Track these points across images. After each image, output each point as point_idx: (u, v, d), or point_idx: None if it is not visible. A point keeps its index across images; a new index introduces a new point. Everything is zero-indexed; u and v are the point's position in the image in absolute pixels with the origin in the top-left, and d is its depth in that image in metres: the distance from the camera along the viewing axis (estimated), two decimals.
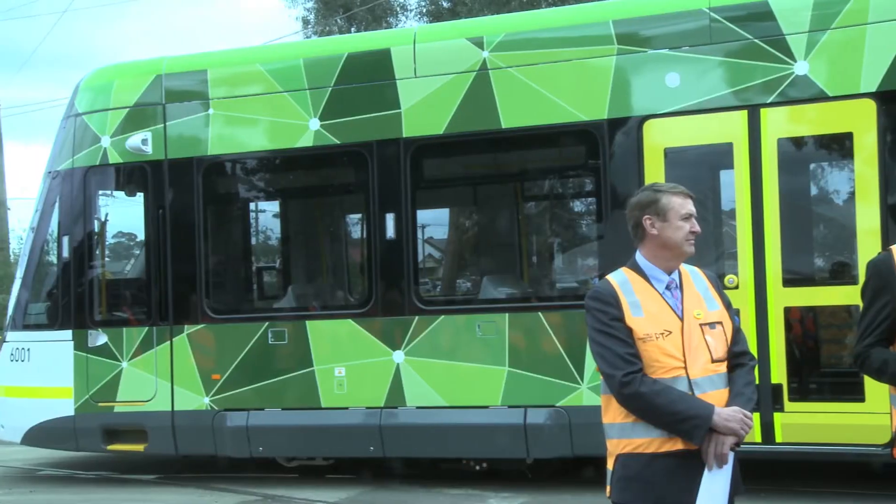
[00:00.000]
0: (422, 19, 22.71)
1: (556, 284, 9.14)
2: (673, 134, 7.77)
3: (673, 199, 3.53)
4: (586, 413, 7.53)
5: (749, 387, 3.53)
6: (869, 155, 7.19)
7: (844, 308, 7.37)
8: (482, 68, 8.14)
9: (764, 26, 7.43)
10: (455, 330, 8.26)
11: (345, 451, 8.71)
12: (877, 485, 7.31)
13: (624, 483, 3.46)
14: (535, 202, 9.71)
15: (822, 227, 8.52)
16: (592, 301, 3.54)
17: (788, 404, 7.32)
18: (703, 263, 4.02)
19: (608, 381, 3.47)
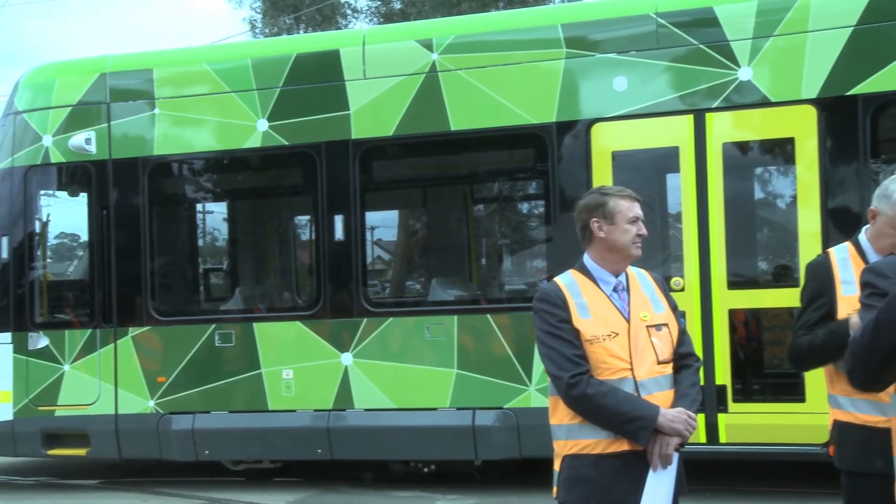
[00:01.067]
0: (372, 21, 22.66)
1: (505, 286, 9.18)
2: (621, 137, 7.84)
3: (620, 203, 3.57)
4: (534, 415, 7.56)
5: (694, 388, 3.57)
6: (810, 160, 7.33)
7: (787, 310, 7.49)
8: (431, 70, 8.14)
9: (709, 32, 7.53)
10: (404, 332, 8.25)
11: (292, 454, 8.65)
12: (818, 483, 7.44)
13: (570, 484, 3.48)
14: (484, 204, 9.75)
15: (766, 230, 8.66)
16: (540, 303, 3.55)
17: (732, 405, 7.42)
18: (649, 266, 4.05)
19: (555, 382, 3.50)
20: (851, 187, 7.22)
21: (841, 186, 7.26)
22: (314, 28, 22.29)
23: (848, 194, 7.23)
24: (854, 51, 7.14)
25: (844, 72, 7.17)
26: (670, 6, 7.73)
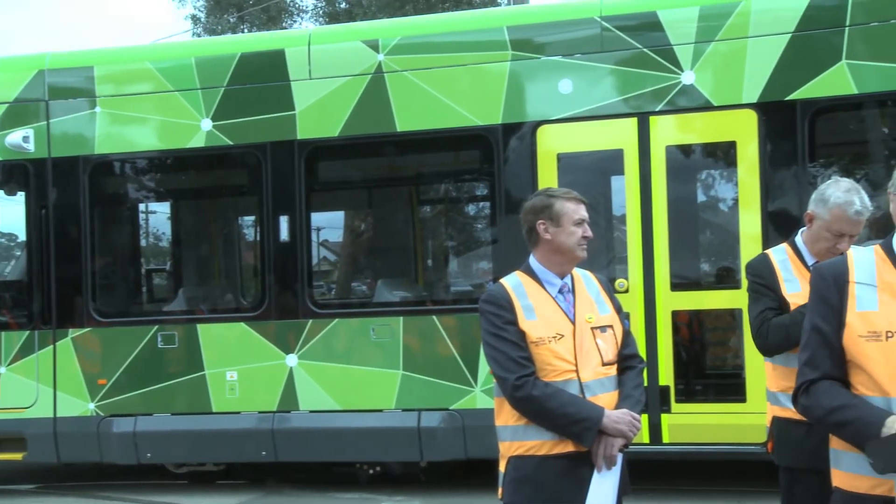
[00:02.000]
0: (317, 21, 22.55)
1: (451, 288, 9.19)
2: (566, 139, 7.89)
3: (566, 205, 3.59)
4: (480, 416, 7.58)
5: (638, 389, 3.61)
6: (751, 163, 7.45)
7: (729, 311, 7.61)
8: (378, 71, 8.12)
9: (653, 36, 7.61)
10: (349, 333, 8.22)
11: (236, 457, 8.57)
12: (758, 482, 7.56)
13: (515, 485, 3.50)
14: (430, 206, 9.74)
15: (708, 232, 8.78)
16: (486, 304, 3.56)
17: (675, 405, 7.52)
18: (594, 268, 4.09)
19: (501, 384, 3.51)
20: (790, 191, 7.35)
21: (780, 190, 7.39)
22: (259, 27, 22.12)
23: (787, 197, 7.36)
24: (793, 57, 7.27)
25: (784, 77, 7.29)
26: (615, 10, 7.80)
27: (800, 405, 2.84)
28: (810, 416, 2.83)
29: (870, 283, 2.77)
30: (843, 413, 2.70)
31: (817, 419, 2.79)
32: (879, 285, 2.76)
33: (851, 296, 2.76)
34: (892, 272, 2.77)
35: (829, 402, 2.73)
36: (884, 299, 2.73)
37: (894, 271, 2.77)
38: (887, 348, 2.71)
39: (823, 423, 2.78)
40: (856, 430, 2.66)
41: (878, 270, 2.78)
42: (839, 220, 3.96)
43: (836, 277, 2.80)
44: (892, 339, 2.71)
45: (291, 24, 22.52)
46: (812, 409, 2.79)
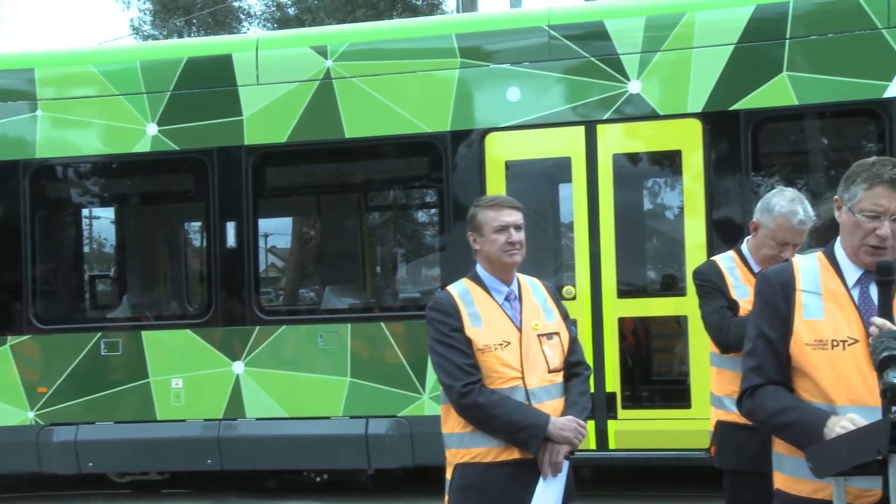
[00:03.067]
0: (266, 26, 22.43)
1: (399, 295, 9.17)
2: (514, 147, 7.92)
3: (486, 214, 3.60)
4: (427, 423, 7.57)
5: (584, 396, 3.63)
6: (696, 172, 7.55)
7: (674, 318, 7.70)
8: (326, 77, 8.09)
9: (600, 45, 7.68)
10: (297, 340, 8.16)
11: (181, 465, 8.45)
12: (702, 487, 7.64)
13: (461, 492, 3.50)
14: (378, 213, 9.72)
15: (654, 240, 8.87)
16: (433, 312, 3.57)
17: (622, 412, 7.57)
18: (542, 275, 4.11)
19: (447, 391, 3.51)
20: (734, 199, 7.46)
21: (725, 198, 7.49)
22: (206, 32, 21.93)
23: (731, 206, 7.46)
24: (736, 67, 7.38)
25: (727, 87, 7.40)
26: (562, 19, 7.86)
27: (744, 409, 2.88)
28: (754, 420, 2.86)
29: (815, 292, 2.81)
30: (786, 415, 2.73)
31: (761, 422, 2.83)
32: (824, 293, 2.80)
33: (798, 304, 2.80)
34: (835, 280, 2.82)
35: (772, 405, 2.77)
36: (829, 308, 2.78)
37: (837, 279, 2.82)
38: (833, 357, 2.75)
39: (767, 425, 2.82)
40: (798, 431, 2.70)
41: (822, 279, 2.83)
42: (783, 229, 4.02)
43: (783, 284, 2.84)
44: (838, 349, 2.75)
45: (239, 29, 22.36)
46: (756, 412, 2.82)
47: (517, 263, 3.60)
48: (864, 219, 2.75)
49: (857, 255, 2.80)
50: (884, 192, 2.73)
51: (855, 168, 2.85)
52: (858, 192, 2.78)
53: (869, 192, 2.75)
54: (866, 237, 2.76)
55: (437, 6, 22.86)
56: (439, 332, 3.51)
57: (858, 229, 2.77)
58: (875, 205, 2.74)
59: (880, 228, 2.73)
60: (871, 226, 2.75)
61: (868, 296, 2.80)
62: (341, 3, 20.72)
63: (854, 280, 2.82)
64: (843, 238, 2.86)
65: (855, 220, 2.78)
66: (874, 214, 2.74)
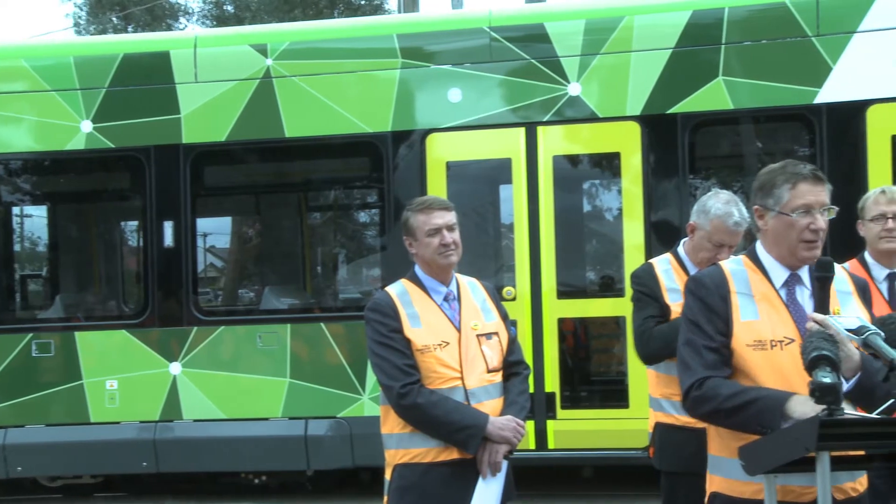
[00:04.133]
0: (204, 23, 22.17)
1: (339, 295, 9.13)
2: (455, 148, 7.94)
3: (418, 218, 3.60)
4: (367, 423, 7.54)
5: (523, 396, 3.65)
6: (635, 174, 7.64)
7: (613, 319, 7.78)
8: (266, 76, 8.02)
9: (541, 48, 7.73)
10: (235, 341, 8.08)
11: (115, 468, 8.31)
12: (640, 486, 7.74)
13: (400, 492, 3.49)
14: (319, 213, 9.67)
15: (594, 241, 8.96)
16: (371, 312, 3.56)
17: (561, 412, 7.63)
18: (482, 276, 4.13)
19: (386, 392, 3.50)
20: (672, 201, 7.56)
21: (663, 200, 7.60)
22: (143, 28, 21.61)
23: (669, 208, 7.56)
24: (673, 71, 7.49)
25: (665, 91, 7.50)
26: (503, 21, 7.89)
27: (690, 399, 2.85)
28: (704, 406, 2.81)
29: (747, 294, 2.87)
30: (746, 394, 2.74)
31: (715, 407, 2.78)
32: (756, 295, 2.86)
33: (735, 305, 2.85)
34: (764, 282, 2.89)
35: (727, 389, 2.78)
36: (763, 308, 2.84)
37: (766, 281, 2.88)
38: (772, 357, 2.80)
39: (721, 409, 2.77)
40: (763, 406, 2.70)
41: (752, 281, 2.89)
42: (719, 231, 4.08)
43: (718, 286, 2.89)
44: (776, 349, 2.81)
45: (177, 27, 22.07)
46: (709, 397, 2.79)
47: (453, 264, 3.60)
48: (798, 216, 2.82)
49: (795, 254, 2.86)
50: (809, 188, 2.84)
51: (767, 176, 2.92)
52: (784, 194, 2.86)
53: (795, 190, 2.84)
54: (802, 233, 2.83)
55: (379, 6, 22.82)
56: (378, 333, 3.51)
57: (793, 228, 2.84)
58: (805, 201, 2.82)
59: (815, 222, 2.82)
60: (806, 221, 2.83)
61: (795, 297, 2.87)
62: (280, 1, 20.57)
63: (781, 282, 2.89)
64: (770, 242, 2.92)
65: (788, 221, 2.84)
66: (806, 210, 2.82)
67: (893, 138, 7.15)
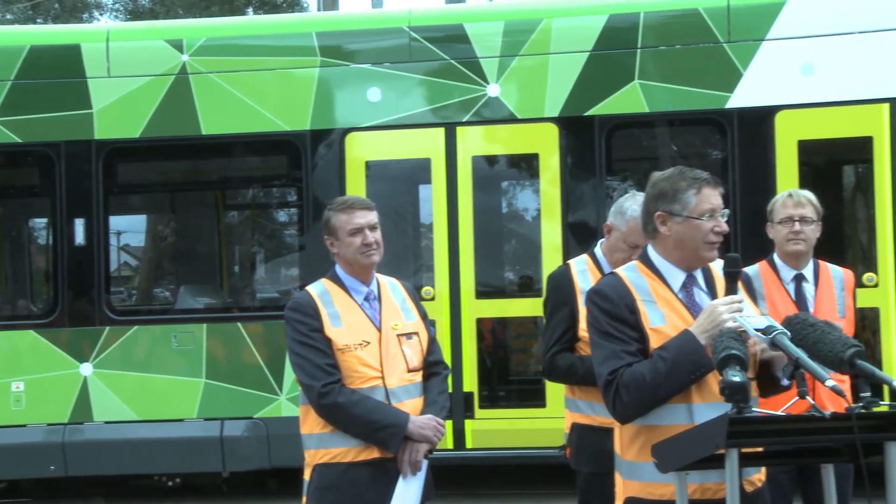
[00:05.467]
0: (118, 17, 21.70)
1: (257, 295, 9.04)
2: (375, 147, 7.93)
3: (339, 217, 3.59)
4: (285, 424, 7.48)
5: (443, 395, 3.67)
6: (553, 175, 7.72)
7: (531, 319, 7.85)
8: (182, 72, 7.89)
9: (460, 48, 7.77)
10: (150, 341, 7.94)
11: (20, 472, 8.08)
12: (556, 484, 7.83)
13: (320, 493, 3.48)
14: (236, 211, 9.56)
15: (513, 241, 9.04)
16: (292, 312, 3.54)
17: (479, 411, 7.68)
18: (402, 275, 4.13)
19: (307, 391, 3.49)
20: (589, 202, 7.67)
21: (580, 201, 7.70)
22: (53, 21, 21.05)
23: (586, 209, 7.67)
24: (591, 74, 7.60)
25: (582, 93, 7.60)
26: (423, 21, 7.91)
27: (611, 391, 2.86)
28: (637, 393, 2.81)
29: (650, 300, 2.93)
30: (662, 357, 2.80)
31: (643, 384, 2.80)
32: (658, 301, 2.93)
33: (642, 312, 2.91)
34: (662, 287, 2.96)
35: (646, 364, 2.82)
36: (667, 313, 2.91)
37: (664, 286, 2.96)
38: None
39: (651, 383, 2.79)
40: (680, 356, 2.76)
41: (651, 287, 2.95)
42: (635, 233, 4.13)
43: (622, 296, 2.93)
44: None
45: (88, 19, 21.55)
46: (634, 378, 2.81)
47: (375, 264, 3.60)
48: (705, 220, 2.92)
49: (699, 255, 2.95)
50: (712, 192, 2.95)
51: (667, 183, 2.98)
52: (691, 199, 2.93)
53: (700, 195, 2.93)
54: (708, 235, 2.93)
55: (297, 4, 22.64)
56: (298, 333, 3.49)
57: (700, 231, 2.93)
58: (710, 205, 2.93)
59: (719, 225, 2.93)
60: (712, 224, 2.92)
61: (693, 298, 2.95)
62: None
63: (679, 285, 2.96)
64: (671, 247, 2.97)
65: (696, 224, 2.93)
66: (711, 213, 2.92)
67: (800, 143, 7.37)
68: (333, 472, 3.46)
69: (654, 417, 2.85)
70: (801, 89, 7.36)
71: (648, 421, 2.87)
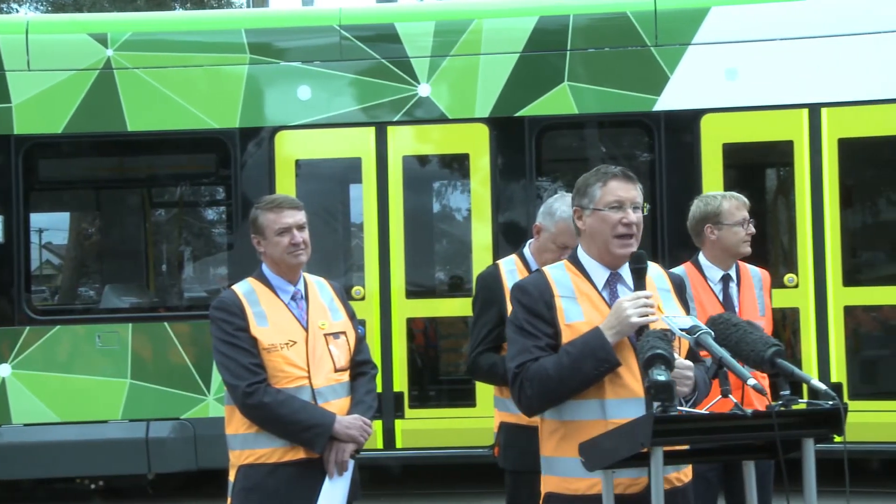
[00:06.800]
0: (38, 9, 21.20)
1: (184, 294, 8.92)
2: (305, 146, 7.88)
3: (267, 216, 3.57)
4: (212, 424, 7.38)
5: (370, 395, 3.66)
6: (483, 176, 7.76)
7: (461, 319, 7.87)
8: (106, 67, 7.74)
9: (391, 48, 7.76)
10: (72, 341, 7.78)
11: None
12: (485, 483, 7.86)
13: (244, 494, 3.45)
14: (163, 209, 9.41)
15: (443, 241, 9.05)
16: (217, 311, 3.50)
17: (409, 411, 7.68)
18: (331, 275, 4.11)
19: (232, 391, 3.45)
20: (519, 203, 7.72)
21: (510, 202, 7.75)
22: None
23: (516, 209, 7.72)
24: (521, 75, 7.65)
25: (513, 94, 7.65)
26: (354, 20, 7.88)
27: (517, 384, 2.92)
28: (539, 387, 2.87)
29: (570, 296, 2.97)
30: (567, 352, 2.85)
31: (546, 377, 2.85)
32: (578, 297, 2.97)
33: (559, 308, 2.95)
34: (585, 283, 3.01)
35: (551, 359, 2.87)
36: (586, 309, 2.95)
37: (588, 283, 3.00)
38: None
39: (553, 378, 2.84)
40: (585, 352, 2.82)
41: (574, 283, 3.00)
42: (563, 233, 4.17)
43: (542, 292, 2.98)
44: None
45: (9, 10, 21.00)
46: (538, 372, 2.86)
47: (303, 264, 3.58)
48: (610, 212, 2.96)
49: (610, 249, 2.98)
50: (620, 185, 2.99)
51: (582, 179, 3.08)
52: (597, 192, 3.00)
53: (606, 187, 2.99)
54: (615, 228, 2.96)
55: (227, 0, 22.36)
56: (224, 332, 3.45)
57: (606, 223, 2.98)
58: (616, 196, 2.98)
59: (626, 216, 2.96)
60: (617, 216, 2.96)
61: (617, 296, 2.99)
62: None
63: (603, 282, 3.01)
64: (589, 242, 3.04)
65: (601, 216, 2.98)
66: (618, 205, 2.96)
67: (724, 146, 7.51)
68: (259, 473, 3.43)
69: (569, 413, 2.91)
70: (725, 93, 7.51)
71: (564, 416, 2.93)
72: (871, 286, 7.64)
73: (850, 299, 7.35)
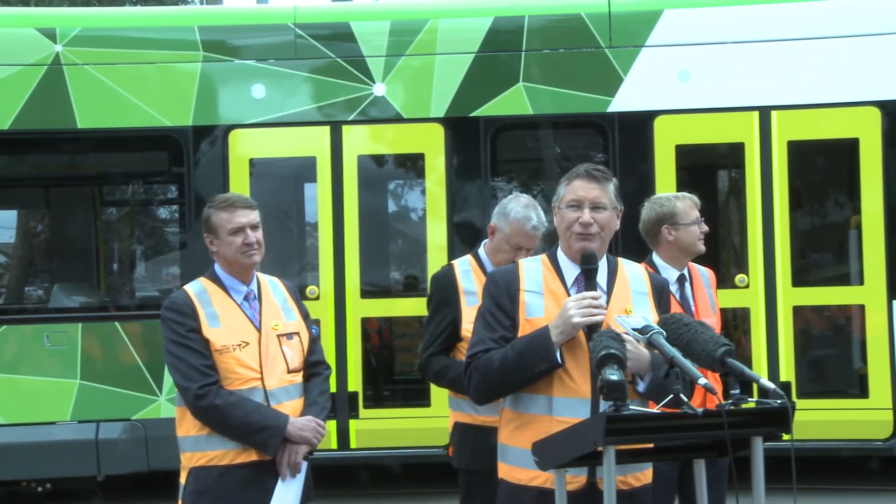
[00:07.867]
0: None
1: (136, 293, 8.81)
2: (259, 145, 7.82)
3: (220, 216, 3.54)
4: (164, 426, 7.28)
5: (323, 396, 3.64)
6: (438, 176, 7.76)
7: (416, 319, 7.86)
8: (55, 63, 7.62)
9: (346, 47, 7.73)
10: (20, 341, 7.66)
11: None
12: (442, 483, 7.87)
13: (196, 496, 3.42)
14: (115, 208, 9.30)
15: (398, 241, 9.04)
16: (168, 312, 3.46)
17: (363, 411, 7.65)
18: (286, 274, 4.09)
19: (183, 393, 3.42)
20: (474, 203, 7.73)
21: (465, 202, 7.76)
22: None
23: (471, 209, 7.73)
24: (476, 75, 7.66)
25: (468, 94, 7.66)
26: (309, 18, 7.84)
27: (468, 376, 3.00)
28: (488, 380, 2.96)
29: (537, 291, 3.01)
30: (514, 348, 2.92)
31: (492, 371, 2.94)
32: (545, 292, 3.01)
33: (522, 303, 3.00)
34: (555, 280, 3.04)
35: (499, 352, 2.94)
36: (549, 306, 2.99)
37: (558, 279, 3.04)
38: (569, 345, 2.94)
39: (499, 372, 2.92)
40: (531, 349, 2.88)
41: (545, 278, 3.04)
42: (517, 234, 4.19)
43: (508, 284, 3.03)
44: None
45: None
46: (485, 365, 2.95)
47: (256, 264, 3.55)
48: (568, 210, 3.03)
49: (569, 245, 3.04)
50: (581, 184, 3.06)
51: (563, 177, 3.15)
52: (562, 190, 3.09)
53: (569, 186, 3.08)
54: (572, 226, 3.03)
55: None
56: (175, 333, 3.41)
57: (564, 220, 3.06)
58: (575, 196, 3.05)
59: (582, 216, 3.01)
60: (574, 215, 3.03)
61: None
62: None
63: (572, 279, 3.06)
64: (560, 240, 3.11)
65: (562, 214, 3.06)
66: (576, 204, 3.03)
67: (677, 148, 7.59)
68: (210, 476, 3.39)
69: (522, 405, 2.99)
70: (678, 96, 7.59)
71: (518, 408, 3.01)
72: (819, 286, 7.77)
73: (798, 299, 7.47)
